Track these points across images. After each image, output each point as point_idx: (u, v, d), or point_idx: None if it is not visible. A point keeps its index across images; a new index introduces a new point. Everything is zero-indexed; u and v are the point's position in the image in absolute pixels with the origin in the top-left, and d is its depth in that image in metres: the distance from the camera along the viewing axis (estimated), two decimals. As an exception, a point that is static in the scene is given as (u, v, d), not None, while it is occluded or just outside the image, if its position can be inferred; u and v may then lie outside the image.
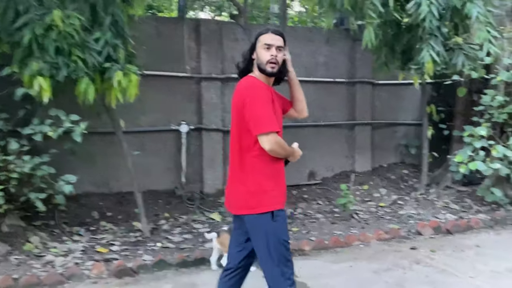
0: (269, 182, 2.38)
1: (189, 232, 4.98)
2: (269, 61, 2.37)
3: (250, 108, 2.30)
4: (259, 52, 2.41)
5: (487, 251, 4.39)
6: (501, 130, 6.05)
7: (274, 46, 2.39)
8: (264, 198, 2.35)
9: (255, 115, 2.29)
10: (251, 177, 2.37)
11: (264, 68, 2.39)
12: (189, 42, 5.85)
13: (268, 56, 2.37)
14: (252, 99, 2.31)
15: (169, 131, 5.79)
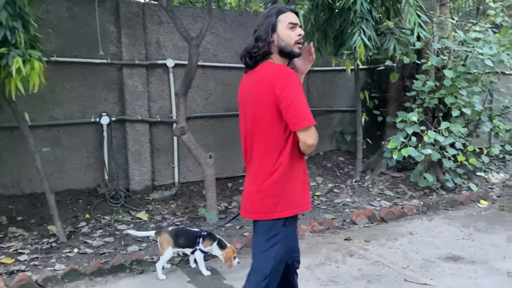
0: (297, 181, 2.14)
1: (111, 235, 4.55)
2: (297, 42, 2.11)
3: (291, 99, 1.99)
4: (284, 33, 2.10)
5: (419, 238, 4.34)
6: (433, 115, 6.10)
7: (298, 25, 2.15)
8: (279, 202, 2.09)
9: (296, 109, 1.99)
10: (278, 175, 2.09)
11: (291, 50, 2.11)
12: (108, 25, 5.33)
13: (296, 36, 2.11)
14: (291, 89, 2.00)
15: (88, 124, 5.27)
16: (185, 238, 3.60)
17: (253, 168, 2.18)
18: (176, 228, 3.78)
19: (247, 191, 2.25)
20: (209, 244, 3.57)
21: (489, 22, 5.78)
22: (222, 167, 6.13)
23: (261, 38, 2.12)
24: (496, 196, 5.81)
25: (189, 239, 3.60)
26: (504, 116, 6.44)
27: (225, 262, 3.51)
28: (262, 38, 2.12)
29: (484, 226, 4.67)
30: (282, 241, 2.13)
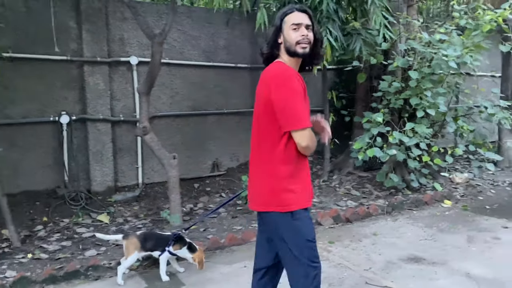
0: (293, 179, 2.17)
1: (69, 239, 4.38)
2: (299, 42, 2.14)
3: (280, 100, 2.06)
4: (287, 34, 2.16)
5: (383, 239, 4.35)
6: (399, 116, 6.14)
7: (303, 25, 2.15)
8: (288, 196, 2.15)
9: (287, 109, 2.06)
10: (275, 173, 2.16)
11: (294, 50, 2.15)
12: (68, 21, 5.13)
13: (298, 36, 2.14)
14: (282, 90, 2.06)
15: (47, 123, 5.08)
16: (155, 241, 3.49)
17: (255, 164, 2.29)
18: (145, 232, 3.67)
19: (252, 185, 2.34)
20: (178, 248, 3.48)
21: (454, 24, 5.86)
22: (188, 168, 6.03)
23: (267, 40, 2.23)
24: (460, 196, 5.89)
25: (158, 242, 3.49)
26: (469, 117, 6.56)
27: (199, 265, 3.46)
28: (269, 40, 2.22)
29: (447, 226, 4.72)
30: None
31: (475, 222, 4.88)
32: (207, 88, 6.16)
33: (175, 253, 3.49)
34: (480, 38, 5.53)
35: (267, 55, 2.23)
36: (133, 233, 3.65)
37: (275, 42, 2.19)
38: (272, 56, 2.22)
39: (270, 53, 2.21)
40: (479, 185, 6.39)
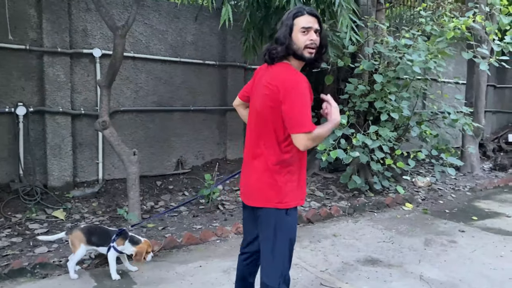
0: (292, 177, 2.23)
1: (20, 235, 4.20)
2: (307, 46, 2.16)
3: (289, 103, 2.10)
4: (296, 37, 2.16)
5: (342, 241, 4.36)
6: (365, 118, 6.19)
7: (312, 29, 2.17)
8: (287, 193, 2.21)
9: (293, 113, 2.10)
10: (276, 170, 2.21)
11: (301, 54, 2.18)
12: (27, 9, 4.94)
13: (307, 40, 2.16)
14: (293, 94, 2.10)
15: (2, 114, 4.88)
16: (99, 236, 3.39)
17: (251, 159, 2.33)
18: (89, 226, 3.58)
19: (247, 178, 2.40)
20: (122, 243, 3.37)
21: (420, 30, 5.94)
22: (151, 165, 5.91)
23: (280, 41, 2.18)
24: (421, 200, 5.99)
25: (103, 237, 3.39)
26: (433, 122, 6.67)
27: (135, 256, 3.34)
28: (281, 41, 2.18)
29: (406, 229, 4.77)
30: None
31: (433, 225, 4.95)
32: (173, 84, 6.05)
33: (119, 250, 3.36)
34: (444, 44, 5.63)
35: (282, 56, 2.18)
36: (77, 227, 3.54)
37: (290, 43, 2.16)
38: (283, 57, 2.20)
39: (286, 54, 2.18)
40: (441, 189, 6.51)
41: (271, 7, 5.40)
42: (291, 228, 2.29)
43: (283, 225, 2.24)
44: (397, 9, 9.28)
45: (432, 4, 7.19)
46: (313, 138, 2.11)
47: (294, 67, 2.20)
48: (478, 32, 6.64)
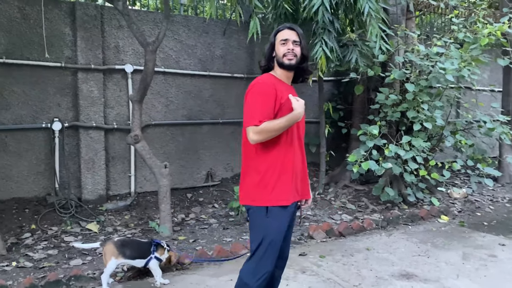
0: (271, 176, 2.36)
1: (56, 247, 4.31)
2: (285, 54, 2.41)
3: (245, 103, 2.39)
4: (277, 48, 2.46)
5: (375, 254, 4.25)
6: (397, 128, 6.06)
7: (290, 40, 2.43)
8: (262, 192, 2.35)
9: (245, 110, 2.37)
10: (248, 168, 2.44)
11: (281, 62, 2.43)
12: (62, 28, 5.12)
13: (285, 49, 2.41)
14: (249, 93, 2.38)
15: (39, 129, 5.04)
16: (132, 249, 3.42)
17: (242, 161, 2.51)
18: (122, 239, 3.58)
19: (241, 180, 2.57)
20: (163, 252, 3.50)
21: (452, 38, 5.80)
22: (182, 177, 5.96)
23: (264, 54, 2.54)
24: (457, 212, 5.78)
25: (136, 250, 3.42)
26: (468, 131, 6.47)
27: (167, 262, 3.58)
28: (266, 54, 2.52)
29: (442, 242, 4.61)
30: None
31: (471, 238, 4.76)
32: (202, 98, 6.12)
33: (162, 259, 3.48)
34: (478, 51, 5.47)
35: (264, 67, 2.53)
36: (111, 239, 3.57)
37: (271, 55, 2.49)
38: (269, 69, 2.51)
39: (267, 66, 2.51)
40: (478, 201, 6.27)
41: (299, 18, 5.40)
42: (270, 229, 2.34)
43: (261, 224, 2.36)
44: (427, 17, 9.11)
45: (464, 11, 7.03)
46: (258, 131, 2.27)
47: (275, 76, 2.45)
48: (514, 38, 6.43)
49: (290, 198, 2.38)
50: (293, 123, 2.34)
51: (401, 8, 6.20)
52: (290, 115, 2.31)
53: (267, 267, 2.35)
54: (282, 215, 2.37)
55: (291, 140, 2.42)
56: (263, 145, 2.36)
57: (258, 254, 2.36)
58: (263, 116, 2.28)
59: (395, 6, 6.08)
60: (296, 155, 2.45)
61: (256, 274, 2.34)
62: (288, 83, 2.52)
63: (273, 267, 2.39)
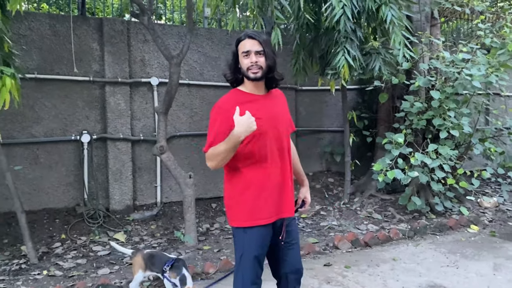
0: (240, 194, 2.36)
1: (84, 256, 4.41)
2: (249, 68, 2.32)
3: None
4: (240, 61, 2.36)
5: (402, 265, 4.17)
6: (423, 137, 5.96)
7: (252, 51, 2.32)
8: (239, 213, 2.37)
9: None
10: (225, 189, 2.45)
11: (247, 75, 2.35)
12: (91, 43, 5.30)
13: (248, 63, 2.32)
14: (209, 119, 2.39)
15: (69, 142, 5.20)
16: (156, 262, 3.42)
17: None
18: (151, 252, 3.59)
19: None
20: (174, 276, 3.26)
21: (478, 44, 5.69)
22: (206, 187, 6.02)
23: (228, 66, 2.44)
24: (488, 221, 5.61)
25: (160, 264, 3.40)
26: (497, 139, 6.29)
27: None
28: (229, 66, 2.44)
29: (472, 253, 4.48)
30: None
31: (503, 249, 4.62)
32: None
33: (172, 281, 3.25)
34: (506, 57, 5.34)
35: (232, 80, 2.43)
36: (140, 250, 3.61)
37: (236, 66, 2.38)
38: (237, 80, 2.42)
39: (234, 78, 2.41)
40: (510, 210, 6.07)
41: (321, 28, 5.42)
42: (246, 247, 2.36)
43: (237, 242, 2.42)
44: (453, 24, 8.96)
45: (491, 16, 6.89)
46: (208, 158, 2.32)
47: (243, 90, 2.39)
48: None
49: (267, 217, 2.33)
50: (235, 141, 2.19)
51: (425, 15, 6.13)
52: (230, 135, 2.20)
53: (252, 280, 2.37)
54: (263, 233, 2.35)
55: (264, 156, 2.33)
56: (232, 167, 2.35)
57: (240, 270, 2.38)
58: (213, 142, 2.29)
59: (419, 13, 6.03)
60: (273, 170, 2.35)
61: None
62: (261, 93, 2.41)
63: (258, 279, 2.42)
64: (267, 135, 2.34)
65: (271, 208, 2.35)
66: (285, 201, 2.44)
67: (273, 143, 2.37)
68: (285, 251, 2.50)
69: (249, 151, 2.30)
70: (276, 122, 2.40)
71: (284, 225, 2.45)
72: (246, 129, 2.18)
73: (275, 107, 2.45)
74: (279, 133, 2.41)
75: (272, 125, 2.37)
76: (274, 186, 2.36)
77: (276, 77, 2.43)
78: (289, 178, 2.47)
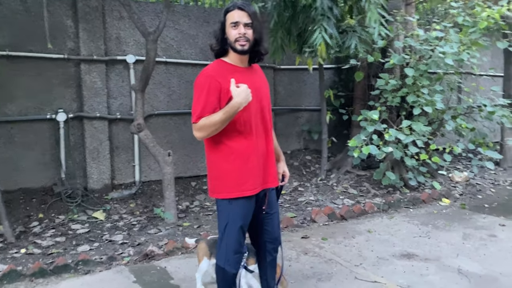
0: (226, 165, 2.34)
1: (63, 234, 4.40)
2: (237, 39, 2.29)
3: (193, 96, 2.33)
4: (228, 31, 2.32)
5: (376, 236, 4.32)
6: (398, 113, 6.10)
7: (241, 23, 2.29)
8: (224, 184, 2.35)
9: (192, 105, 2.32)
10: (207, 161, 2.44)
11: (234, 47, 2.32)
12: (64, 20, 5.19)
13: (236, 34, 2.29)
14: (194, 89, 2.32)
15: (44, 120, 5.12)
16: None
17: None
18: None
19: None
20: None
21: (451, 22, 5.81)
22: (186, 166, 6.04)
23: (215, 36, 2.38)
24: (459, 195, 5.84)
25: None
26: (468, 116, 6.49)
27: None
28: (215, 36, 2.37)
29: (443, 224, 4.67)
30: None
31: (472, 220, 4.82)
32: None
33: (251, 270, 2.82)
34: (477, 35, 5.48)
35: (218, 51, 2.38)
36: (204, 238, 3.36)
37: (223, 37, 2.33)
38: (223, 51, 2.37)
39: (221, 49, 2.36)
40: (479, 184, 6.33)
41: (298, 6, 5.42)
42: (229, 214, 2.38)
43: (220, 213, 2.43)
44: (428, 3, 9.08)
45: (464, -5, 7.01)
46: (198, 129, 2.25)
47: (228, 62, 2.36)
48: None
49: (253, 188, 2.36)
50: (233, 113, 2.20)
51: (400, -7, 6.21)
52: (228, 105, 2.21)
53: (235, 249, 2.40)
54: (247, 204, 2.37)
55: (249, 127, 2.34)
56: (217, 138, 2.30)
57: (224, 239, 2.39)
58: (203, 112, 2.23)
59: (394, -9, 6.10)
60: (258, 142, 2.39)
61: (226, 257, 2.39)
62: (244, 66, 2.40)
63: (242, 248, 2.46)
64: (252, 108, 2.34)
65: (256, 179, 2.37)
66: (269, 172, 2.48)
67: (258, 116, 2.40)
68: (265, 220, 2.56)
69: (234, 123, 2.29)
70: (259, 95, 2.42)
71: (266, 196, 2.51)
72: (244, 99, 2.21)
73: (258, 81, 2.47)
74: (262, 106, 2.44)
75: (257, 98, 2.36)
76: (259, 157, 2.39)
77: (261, 51, 2.42)
78: (272, 150, 2.52)
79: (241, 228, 2.39)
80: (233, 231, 2.38)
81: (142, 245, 4.11)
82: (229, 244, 2.39)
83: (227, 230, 2.38)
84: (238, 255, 2.45)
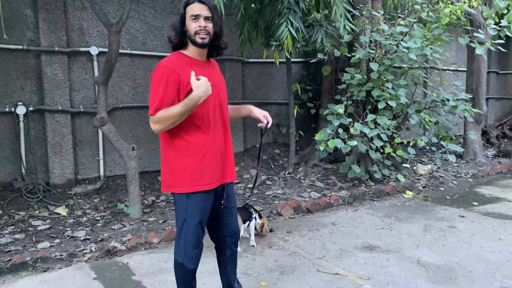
0: (183, 160, 2.31)
1: (23, 231, 4.28)
2: (197, 32, 2.27)
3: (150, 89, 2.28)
4: (188, 24, 2.30)
5: (341, 229, 4.38)
6: (363, 108, 6.19)
7: (202, 16, 2.27)
8: (181, 179, 2.32)
9: (149, 97, 2.27)
10: (163, 155, 2.39)
11: (194, 40, 2.30)
12: (23, 9, 5.00)
13: (197, 27, 2.27)
14: (152, 80, 2.28)
15: (2, 114, 4.94)
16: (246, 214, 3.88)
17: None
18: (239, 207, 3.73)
19: None
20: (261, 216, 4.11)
21: (416, 17, 5.92)
22: (152, 161, 5.96)
23: (174, 28, 2.35)
24: (422, 187, 5.98)
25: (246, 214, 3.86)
26: (432, 110, 6.65)
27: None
28: (174, 29, 2.34)
29: (405, 216, 4.78)
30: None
31: (433, 211, 4.96)
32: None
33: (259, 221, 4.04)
34: (440, 30, 5.60)
35: (177, 43, 2.35)
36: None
37: (182, 29, 2.31)
38: (182, 44, 2.35)
39: (180, 41, 2.34)
40: (442, 177, 6.50)
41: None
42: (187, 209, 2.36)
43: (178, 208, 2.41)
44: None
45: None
46: (156, 121, 2.22)
47: (186, 54, 2.34)
48: (475, 17, 6.61)
49: (211, 182, 2.35)
50: (193, 106, 2.19)
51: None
52: (187, 98, 2.18)
53: (194, 244, 2.39)
54: (205, 199, 2.36)
55: (207, 122, 2.33)
56: (174, 132, 2.28)
57: (183, 235, 2.37)
58: (161, 104, 2.19)
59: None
60: (216, 136, 2.38)
61: (185, 253, 2.38)
62: (202, 60, 2.39)
63: (200, 243, 2.43)
64: (210, 102, 2.33)
65: (214, 173, 2.36)
66: (227, 167, 2.48)
67: (216, 111, 2.39)
68: (224, 214, 2.56)
69: (192, 117, 2.27)
70: (217, 89, 2.40)
71: (225, 190, 2.50)
72: (204, 92, 2.19)
73: (215, 75, 2.45)
74: (221, 101, 2.43)
75: (215, 92, 2.34)
76: (217, 151, 2.38)
77: (221, 45, 2.41)
78: (231, 145, 2.51)
79: (199, 223, 2.37)
80: (192, 226, 2.36)
81: (105, 241, 4.04)
82: (188, 240, 2.37)
83: (186, 225, 2.36)
84: (197, 250, 2.43)
